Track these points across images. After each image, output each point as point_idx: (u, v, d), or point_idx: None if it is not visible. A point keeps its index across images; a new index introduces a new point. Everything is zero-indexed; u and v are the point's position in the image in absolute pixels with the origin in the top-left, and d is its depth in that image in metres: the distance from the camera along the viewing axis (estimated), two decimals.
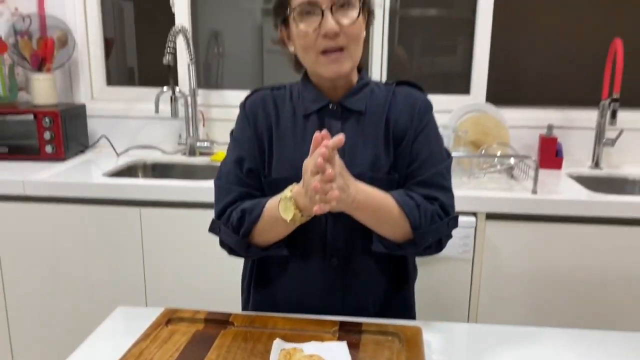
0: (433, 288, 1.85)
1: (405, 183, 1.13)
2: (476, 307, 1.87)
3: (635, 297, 1.79)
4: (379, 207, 1.05)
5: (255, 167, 1.14)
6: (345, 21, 1.04)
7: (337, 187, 0.94)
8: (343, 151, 1.08)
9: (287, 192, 1.03)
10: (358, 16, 1.06)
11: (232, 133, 1.20)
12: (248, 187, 1.13)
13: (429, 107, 1.16)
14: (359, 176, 1.07)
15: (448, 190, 1.13)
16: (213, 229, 1.15)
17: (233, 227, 1.09)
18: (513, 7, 2.35)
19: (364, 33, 1.11)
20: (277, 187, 1.08)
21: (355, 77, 1.16)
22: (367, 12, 1.13)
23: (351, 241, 1.11)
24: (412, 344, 0.92)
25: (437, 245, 1.12)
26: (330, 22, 1.03)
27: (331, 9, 1.03)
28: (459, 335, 1.06)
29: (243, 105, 1.19)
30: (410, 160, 1.12)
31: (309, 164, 0.97)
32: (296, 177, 1.04)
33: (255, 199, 1.12)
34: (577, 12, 2.35)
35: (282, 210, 1.02)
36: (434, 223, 1.08)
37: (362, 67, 1.18)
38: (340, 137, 0.95)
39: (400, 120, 1.13)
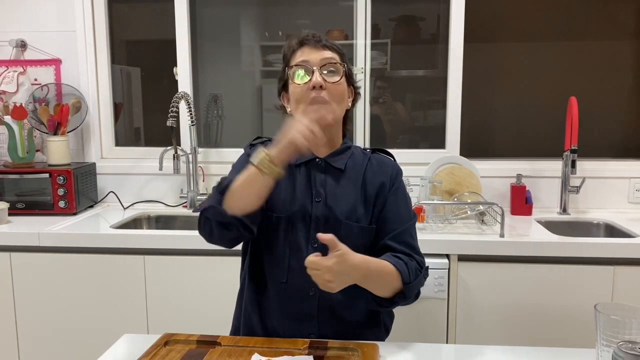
0: (412, 326, 2.01)
1: (377, 236, 1.33)
2: (453, 341, 2.02)
3: None
4: (379, 273, 1.22)
5: None
6: (330, 80, 1.29)
7: (326, 278, 1.10)
8: (325, 201, 1.30)
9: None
10: (340, 79, 1.30)
11: (234, 165, 1.38)
12: None
13: (399, 172, 1.41)
14: (337, 223, 1.28)
15: (416, 246, 1.36)
16: (200, 207, 1.27)
17: (216, 188, 1.23)
18: (482, 72, 2.61)
19: (347, 101, 1.36)
20: (270, 222, 1.30)
21: (339, 141, 1.39)
22: (354, 89, 1.39)
23: None
24: (368, 357, 1.09)
25: (417, 295, 1.32)
26: (317, 77, 1.28)
27: (320, 69, 1.28)
28: (416, 352, 1.23)
29: (249, 147, 1.39)
30: (382, 218, 1.34)
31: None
32: (285, 215, 1.28)
33: None
34: (538, 74, 2.61)
35: (253, 157, 1.16)
36: (417, 277, 1.28)
37: (346, 134, 1.43)
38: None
39: (375, 181, 1.36)
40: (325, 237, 1.10)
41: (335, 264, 1.10)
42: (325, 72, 1.29)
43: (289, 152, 1.14)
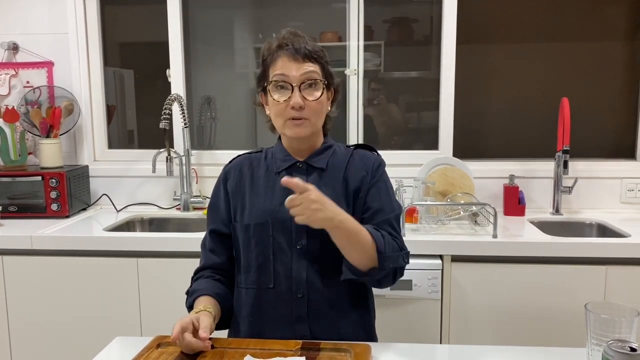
0: (405, 327, 2.01)
1: None
2: (447, 341, 2.02)
3: None
4: (353, 229, 1.20)
5: (227, 232, 1.39)
6: (310, 98, 1.29)
7: (313, 207, 1.14)
8: None
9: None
10: (320, 96, 1.30)
11: (210, 203, 1.44)
12: (216, 254, 1.40)
13: (380, 165, 1.39)
14: None
15: (398, 235, 1.33)
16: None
17: (186, 293, 1.38)
18: (475, 73, 2.63)
19: (326, 108, 1.36)
20: (250, 231, 1.33)
21: (320, 141, 1.39)
22: (334, 90, 1.38)
23: (313, 275, 1.30)
24: (361, 357, 1.09)
25: (392, 277, 1.29)
26: (297, 98, 1.27)
27: (300, 87, 1.27)
28: (409, 352, 1.23)
29: (223, 170, 1.44)
30: (363, 210, 1.33)
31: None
32: (266, 222, 1.30)
33: (220, 260, 1.40)
34: (530, 75, 2.62)
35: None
36: (394, 252, 1.27)
37: (327, 133, 1.43)
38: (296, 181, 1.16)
39: (357, 176, 1.35)
40: (289, 180, 1.14)
41: (314, 193, 1.15)
42: (304, 88, 1.28)
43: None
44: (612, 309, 0.99)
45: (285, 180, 1.14)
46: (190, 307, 1.33)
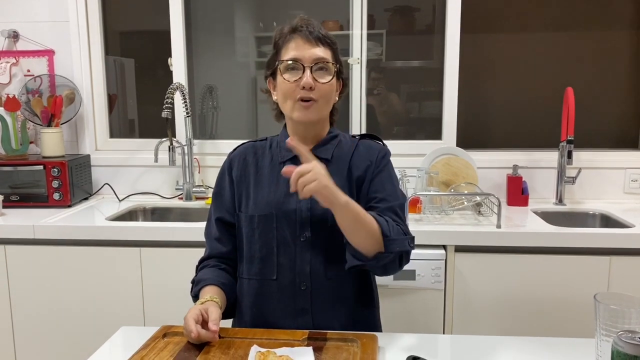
0: (408, 317, 2.01)
1: None
2: (450, 332, 2.02)
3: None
4: (359, 213, 1.17)
5: (232, 220, 1.38)
6: (321, 80, 1.28)
7: (323, 173, 1.13)
8: None
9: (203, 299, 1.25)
10: (331, 79, 1.29)
11: (214, 191, 1.43)
12: (222, 243, 1.39)
13: (385, 155, 1.38)
14: (323, 214, 1.27)
15: (402, 221, 1.31)
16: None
17: (192, 282, 1.38)
18: (479, 62, 2.61)
19: (335, 95, 1.35)
20: (254, 222, 1.32)
21: (325, 131, 1.38)
22: (342, 83, 1.38)
23: (316, 268, 1.30)
24: (368, 347, 1.09)
25: (399, 262, 1.27)
26: (308, 77, 1.26)
27: (311, 68, 1.26)
28: (413, 342, 1.23)
29: (227, 157, 1.43)
30: (367, 200, 1.32)
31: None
32: (270, 214, 1.30)
33: (226, 249, 1.39)
34: (534, 65, 2.60)
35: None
36: (399, 235, 1.24)
37: (334, 123, 1.42)
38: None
39: (361, 165, 1.35)
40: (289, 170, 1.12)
41: (318, 165, 1.13)
42: (316, 70, 1.27)
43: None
44: (621, 300, 0.99)
45: (287, 170, 1.13)
46: (195, 297, 1.32)
